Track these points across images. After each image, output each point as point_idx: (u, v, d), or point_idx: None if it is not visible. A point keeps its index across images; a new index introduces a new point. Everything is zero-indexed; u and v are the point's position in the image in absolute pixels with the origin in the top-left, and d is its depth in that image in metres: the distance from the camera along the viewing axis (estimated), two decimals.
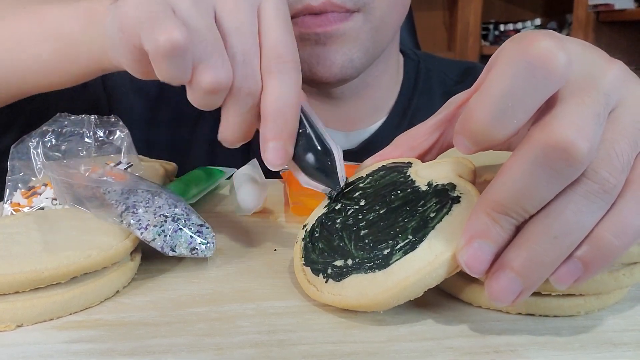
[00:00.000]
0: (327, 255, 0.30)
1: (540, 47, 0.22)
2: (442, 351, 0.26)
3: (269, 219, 0.45)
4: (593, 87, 0.24)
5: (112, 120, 0.46)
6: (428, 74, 0.70)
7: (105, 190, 0.36)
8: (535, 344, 0.26)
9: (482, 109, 0.24)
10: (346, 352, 0.26)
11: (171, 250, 0.33)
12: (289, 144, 0.31)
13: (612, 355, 0.26)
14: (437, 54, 0.78)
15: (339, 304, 0.28)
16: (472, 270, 0.25)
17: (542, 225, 0.24)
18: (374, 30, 0.54)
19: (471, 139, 0.25)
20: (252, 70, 0.30)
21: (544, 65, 0.22)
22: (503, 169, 0.24)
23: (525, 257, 0.24)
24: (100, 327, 0.29)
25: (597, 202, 0.23)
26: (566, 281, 0.24)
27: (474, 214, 0.25)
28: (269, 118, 0.30)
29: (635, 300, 0.31)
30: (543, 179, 0.23)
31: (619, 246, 0.24)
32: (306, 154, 0.32)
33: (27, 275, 0.28)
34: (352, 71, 0.55)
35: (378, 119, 0.66)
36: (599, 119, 0.23)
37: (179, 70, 0.29)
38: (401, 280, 0.26)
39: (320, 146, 0.32)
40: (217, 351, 0.26)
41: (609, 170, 0.23)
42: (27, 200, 0.40)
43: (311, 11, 0.51)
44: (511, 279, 0.24)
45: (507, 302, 0.25)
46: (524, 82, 0.23)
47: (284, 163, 0.31)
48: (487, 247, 0.25)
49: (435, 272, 0.26)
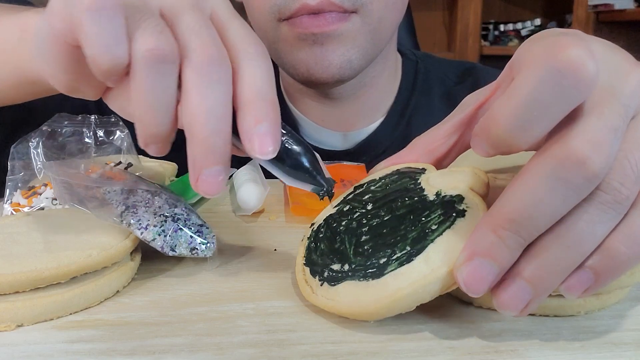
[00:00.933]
0: (326, 258, 0.30)
1: (571, 55, 0.21)
2: (442, 351, 0.26)
3: (269, 219, 0.45)
4: (614, 96, 0.23)
5: (112, 120, 0.46)
6: (427, 75, 0.70)
7: (105, 190, 0.36)
8: (536, 344, 0.26)
9: (506, 115, 0.23)
10: (346, 352, 0.26)
11: (171, 250, 0.33)
12: (276, 129, 0.26)
13: (612, 355, 0.26)
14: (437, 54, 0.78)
15: (331, 308, 0.28)
16: (471, 289, 0.24)
17: (555, 235, 0.23)
18: (372, 32, 0.54)
19: (491, 144, 0.24)
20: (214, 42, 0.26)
21: (574, 75, 0.21)
22: (515, 182, 0.23)
23: (537, 265, 0.24)
24: (101, 327, 0.29)
25: (609, 212, 0.23)
26: (577, 290, 0.24)
27: (479, 229, 0.24)
28: (252, 101, 0.26)
29: (635, 300, 0.31)
30: (557, 193, 0.22)
31: (630, 256, 0.23)
32: (291, 149, 0.29)
33: (27, 275, 0.28)
34: (350, 72, 0.55)
35: (376, 119, 0.66)
36: (617, 133, 0.22)
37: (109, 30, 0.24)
38: (393, 292, 0.26)
39: (303, 143, 0.30)
40: (217, 351, 0.26)
41: (622, 180, 0.23)
42: (27, 200, 0.40)
43: (308, 11, 0.51)
44: (521, 287, 0.24)
45: (515, 311, 0.24)
46: (551, 91, 0.22)
47: (275, 150, 0.26)
48: (489, 267, 0.24)
49: (429, 287, 0.25)
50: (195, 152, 0.26)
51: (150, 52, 0.25)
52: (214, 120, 0.26)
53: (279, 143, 0.27)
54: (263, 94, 0.27)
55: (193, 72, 0.26)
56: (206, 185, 0.26)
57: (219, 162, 0.26)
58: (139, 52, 0.25)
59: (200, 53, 0.26)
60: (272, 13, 0.53)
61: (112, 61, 0.25)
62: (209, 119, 0.25)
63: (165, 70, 0.25)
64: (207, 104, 0.25)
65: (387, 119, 0.66)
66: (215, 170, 0.26)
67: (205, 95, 0.25)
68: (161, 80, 0.25)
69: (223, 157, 0.26)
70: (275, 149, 0.26)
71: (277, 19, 0.53)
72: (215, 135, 0.26)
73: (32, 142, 0.42)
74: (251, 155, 0.26)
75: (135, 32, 0.25)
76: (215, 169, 0.26)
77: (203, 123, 0.25)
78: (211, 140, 0.26)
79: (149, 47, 0.25)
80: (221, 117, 0.26)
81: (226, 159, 0.26)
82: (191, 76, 0.26)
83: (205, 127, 0.25)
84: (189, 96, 0.26)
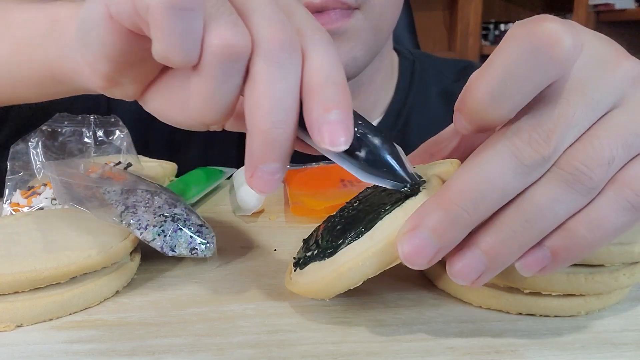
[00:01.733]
0: (307, 249, 0.31)
1: (547, 29, 0.21)
2: (442, 351, 0.26)
3: (269, 219, 0.45)
4: (584, 89, 0.23)
5: (112, 120, 0.46)
6: (423, 73, 0.70)
7: (104, 190, 0.36)
8: (536, 344, 0.26)
9: (481, 87, 0.23)
10: (346, 352, 0.26)
11: (171, 250, 0.33)
12: (348, 117, 0.24)
13: (612, 356, 0.26)
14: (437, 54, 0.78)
15: (298, 290, 0.29)
16: (409, 261, 0.24)
17: (515, 208, 0.23)
18: (374, 28, 0.54)
19: (468, 118, 0.24)
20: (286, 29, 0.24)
21: (547, 48, 0.21)
22: (467, 160, 0.24)
23: (494, 237, 0.23)
24: (100, 327, 0.29)
25: (571, 192, 0.23)
26: (532, 268, 0.24)
27: (427, 204, 0.24)
28: (321, 86, 0.24)
29: (635, 301, 0.31)
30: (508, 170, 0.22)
31: (591, 241, 0.23)
32: (366, 140, 0.25)
33: (27, 275, 0.28)
34: (355, 70, 0.55)
35: (373, 118, 0.66)
36: (571, 122, 0.23)
37: (188, 32, 0.22)
38: (338, 268, 0.26)
39: (381, 133, 0.26)
40: (217, 351, 0.26)
41: (585, 162, 0.23)
42: (27, 200, 0.40)
43: (312, 9, 0.50)
44: (477, 257, 0.24)
45: (467, 281, 0.24)
46: (526, 64, 0.22)
47: (348, 141, 0.23)
48: (429, 241, 0.23)
49: (371, 260, 0.25)
50: (254, 144, 0.24)
51: (224, 49, 0.23)
52: (279, 111, 0.23)
53: (351, 133, 0.24)
54: (333, 78, 0.24)
55: (262, 61, 0.24)
56: (261, 182, 0.24)
57: (278, 159, 0.24)
58: (212, 46, 0.23)
59: (272, 40, 0.24)
60: None
61: (184, 59, 0.23)
62: (273, 109, 0.23)
63: (237, 68, 0.24)
64: (273, 93, 0.23)
65: (384, 118, 0.66)
66: (273, 167, 0.24)
67: (273, 84, 0.23)
68: (231, 77, 0.24)
69: (284, 153, 0.24)
70: (348, 139, 0.23)
71: None
72: (279, 128, 0.24)
73: (32, 142, 0.42)
74: (321, 148, 0.24)
75: (210, 24, 0.23)
76: (274, 166, 0.24)
77: (267, 113, 0.23)
78: (274, 133, 0.23)
79: (223, 42, 0.23)
80: (288, 107, 0.24)
81: (286, 155, 0.24)
82: (260, 65, 0.24)
83: (268, 117, 0.23)
84: (256, 85, 0.24)
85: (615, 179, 0.23)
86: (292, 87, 0.24)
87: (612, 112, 0.24)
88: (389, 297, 0.31)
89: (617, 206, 0.23)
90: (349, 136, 0.23)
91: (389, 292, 0.32)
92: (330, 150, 0.23)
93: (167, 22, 0.22)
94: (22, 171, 0.42)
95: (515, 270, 0.28)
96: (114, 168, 0.42)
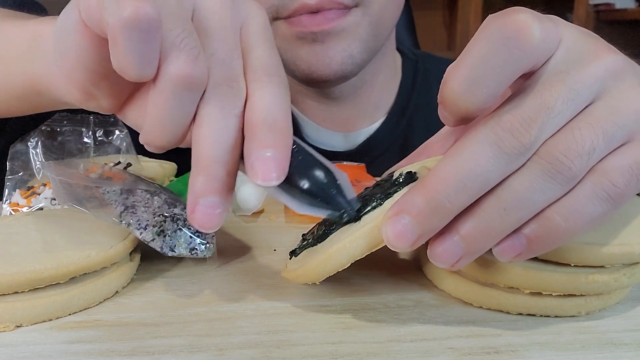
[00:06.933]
0: (302, 241, 0.32)
1: (517, 18, 0.23)
2: (442, 351, 0.26)
3: (269, 219, 0.45)
4: (563, 80, 0.24)
5: (111, 120, 0.46)
6: (426, 73, 0.70)
7: (104, 190, 0.36)
8: (536, 345, 0.26)
9: (454, 77, 0.24)
10: (346, 352, 0.26)
11: (170, 251, 0.33)
12: (283, 154, 0.24)
13: (613, 356, 0.26)
14: (437, 53, 0.78)
15: (290, 277, 0.30)
16: (392, 244, 0.25)
17: (494, 196, 0.24)
18: (373, 24, 0.54)
19: (448, 109, 0.25)
20: (235, 72, 0.26)
21: (516, 37, 0.23)
22: (451, 149, 0.24)
23: (473, 224, 0.24)
24: (100, 328, 0.29)
25: (550, 182, 0.23)
26: (508, 254, 0.25)
27: (412, 190, 0.25)
28: (258, 126, 0.25)
29: (636, 301, 0.30)
30: (488, 158, 0.23)
31: (566, 229, 0.24)
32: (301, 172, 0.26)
33: (26, 276, 0.28)
34: (353, 67, 0.54)
35: (376, 119, 0.66)
36: (551, 113, 0.23)
37: (144, 52, 0.23)
38: (327, 250, 0.27)
39: (318, 163, 0.27)
40: (217, 352, 0.26)
41: (564, 152, 0.23)
42: (26, 200, 0.40)
43: (308, 10, 0.50)
44: (455, 242, 0.24)
45: (446, 264, 0.25)
46: (497, 52, 0.23)
47: (280, 177, 0.24)
48: (411, 226, 0.24)
49: (357, 242, 0.26)
50: (195, 179, 0.24)
51: (180, 79, 0.23)
52: (218, 148, 0.24)
53: (284, 169, 0.24)
54: (272, 117, 0.25)
55: (206, 98, 0.25)
56: (202, 217, 0.24)
57: (218, 193, 0.24)
58: (170, 74, 0.24)
59: (219, 81, 0.25)
60: (270, 13, 0.53)
61: (138, 75, 0.24)
62: (212, 146, 0.24)
63: (191, 97, 0.24)
64: (212, 132, 0.24)
65: (388, 119, 0.66)
66: (212, 200, 0.24)
67: (213, 123, 0.25)
68: (184, 104, 0.24)
69: (224, 187, 0.24)
70: (280, 175, 0.24)
71: (273, 18, 0.53)
72: (219, 164, 0.24)
73: (31, 142, 0.42)
74: (254, 182, 0.24)
75: (171, 52, 0.23)
76: (213, 200, 0.24)
77: (207, 150, 0.24)
78: (213, 169, 0.24)
79: (181, 72, 0.23)
80: (227, 145, 0.25)
81: (227, 190, 0.25)
82: (204, 102, 0.25)
83: (209, 154, 0.24)
84: (197, 122, 0.25)
85: (595, 170, 0.24)
86: (230, 126, 0.25)
87: (594, 104, 0.24)
88: (389, 297, 0.31)
89: (594, 196, 0.24)
90: (280, 172, 0.24)
91: (390, 292, 0.32)
92: (262, 185, 0.24)
93: (122, 39, 0.22)
94: (21, 171, 0.42)
95: (515, 270, 0.28)
96: (114, 168, 0.41)
